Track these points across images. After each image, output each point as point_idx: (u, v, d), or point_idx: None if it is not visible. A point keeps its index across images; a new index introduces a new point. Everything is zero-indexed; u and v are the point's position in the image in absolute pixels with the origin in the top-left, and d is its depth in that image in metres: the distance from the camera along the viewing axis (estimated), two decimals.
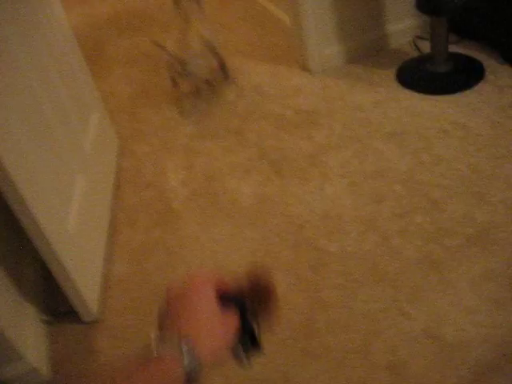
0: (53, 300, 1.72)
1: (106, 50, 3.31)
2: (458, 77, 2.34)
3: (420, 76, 2.39)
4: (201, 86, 2.60)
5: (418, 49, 2.56)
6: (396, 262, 1.61)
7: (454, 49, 2.41)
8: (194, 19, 2.65)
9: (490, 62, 2.34)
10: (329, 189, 1.93)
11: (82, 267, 1.64)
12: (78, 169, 1.79)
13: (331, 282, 1.60)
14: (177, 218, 1.96)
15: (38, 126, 1.57)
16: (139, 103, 2.69)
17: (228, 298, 0.62)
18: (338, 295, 1.56)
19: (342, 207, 1.84)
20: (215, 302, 0.60)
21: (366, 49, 2.62)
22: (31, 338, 1.54)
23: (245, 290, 0.64)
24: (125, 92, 2.82)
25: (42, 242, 1.43)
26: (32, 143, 1.48)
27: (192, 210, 1.98)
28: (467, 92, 2.22)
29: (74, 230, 1.62)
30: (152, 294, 1.69)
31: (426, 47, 2.47)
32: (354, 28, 2.57)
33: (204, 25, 2.58)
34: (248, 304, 0.63)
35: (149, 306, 1.64)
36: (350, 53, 2.60)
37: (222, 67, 2.62)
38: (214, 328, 0.58)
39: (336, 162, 2.04)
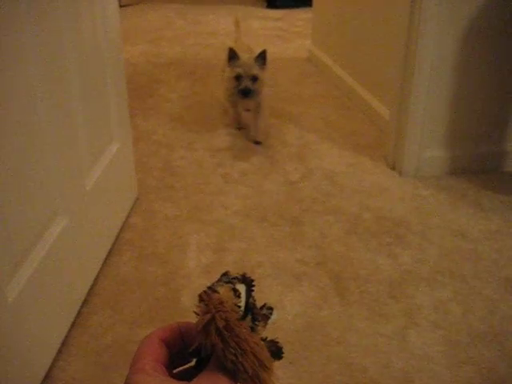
0: None
1: (161, 90, 2.84)
2: None
3: None
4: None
5: None
6: None
7: None
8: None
9: None
10: (414, 338, 1.28)
11: (19, 358, 1.00)
12: (61, 207, 1.20)
13: None
14: (181, 318, 1.32)
15: (22, 138, 1.00)
16: (178, 154, 2.14)
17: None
18: None
19: (433, 373, 1.18)
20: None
21: (475, 163, 2.04)
22: None
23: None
24: (165, 137, 2.28)
25: None
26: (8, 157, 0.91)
27: None
28: None
29: (16, 298, 1.00)
30: None
31: None
32: (466, 136, 2.01)
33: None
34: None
35: None
36: (455, 163, 2.02)
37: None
38: None
39: (427, 301, 1.40)
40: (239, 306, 0.44)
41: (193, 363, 0.46)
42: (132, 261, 1.53)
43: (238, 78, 2.11)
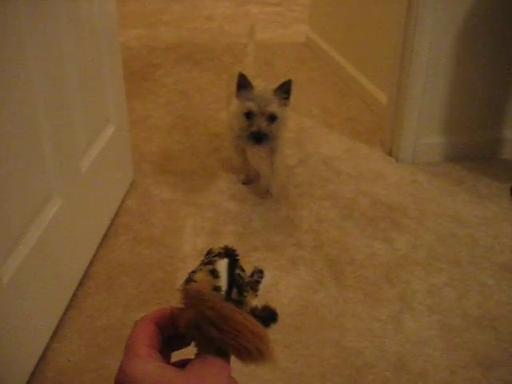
0: None
1: (157, 74, 2.81)
2: None
3: None
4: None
5: None
6: None
7: None
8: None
9: None
10: (409, 323, 1.28)
11: (14, 339, 1.00)
12: (56, 189, 1.19)
13: None
14: (176, 302, 1.32)
15: (18, 115, 0.99)
16: (174, 138, 2.13)
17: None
18: None
19: (427, 356, 1.19)
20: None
21: (472, 150, 2.04)
22: None
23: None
24: (162, 121, 2.27)
25: None
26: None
27: None
28: None
29: (11, 279, 1.00)
30: None
31: None
32: (463, 122, 2.00)
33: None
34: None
35: None
36: (452, 149, 2.02)
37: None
38: None
39: (422, 286, 1.40)
40: (219, 287, 0.44)
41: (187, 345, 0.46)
42: (127, 244, 1.52)
43: (248, 115, 1.55)
